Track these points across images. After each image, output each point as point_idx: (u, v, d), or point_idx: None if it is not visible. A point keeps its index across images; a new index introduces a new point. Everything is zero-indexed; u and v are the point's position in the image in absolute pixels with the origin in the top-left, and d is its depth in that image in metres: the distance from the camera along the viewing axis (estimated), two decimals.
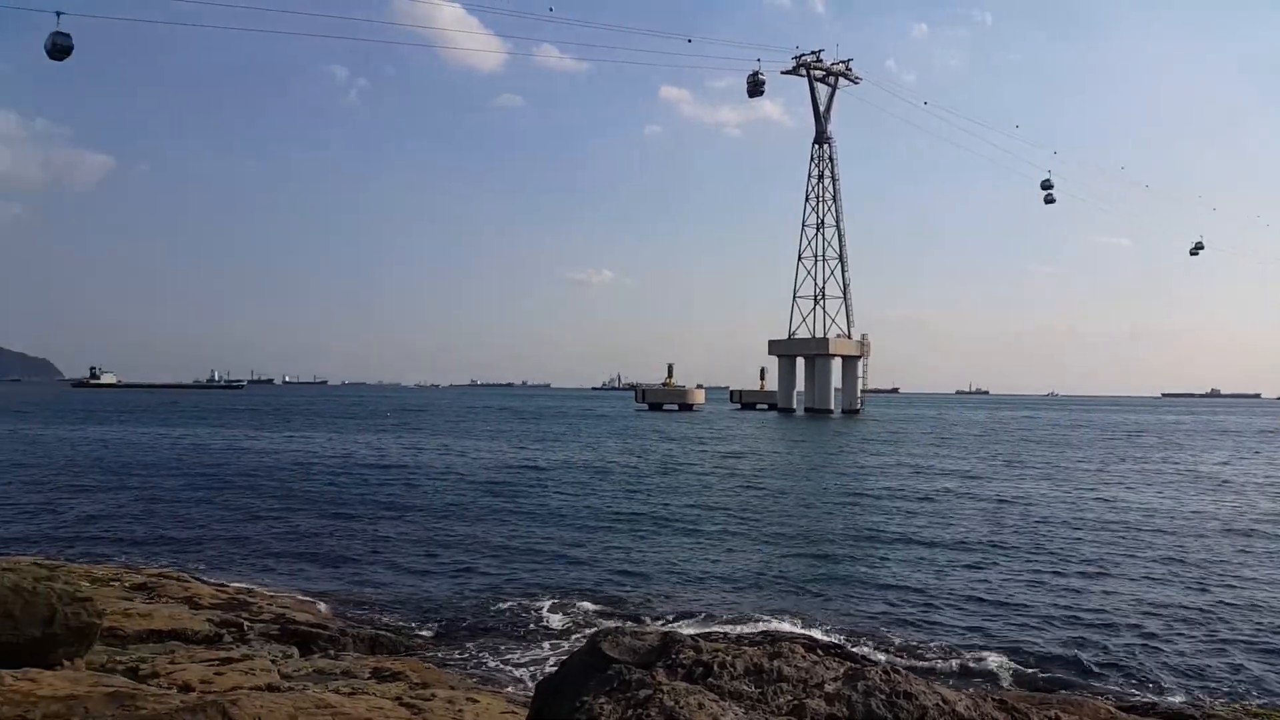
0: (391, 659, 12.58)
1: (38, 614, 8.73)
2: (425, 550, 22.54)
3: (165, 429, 74.82)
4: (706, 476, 40.07)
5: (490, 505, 30.46)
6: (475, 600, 17.65)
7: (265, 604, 14.83)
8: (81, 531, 24.67)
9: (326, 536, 24.30)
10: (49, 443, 57.61)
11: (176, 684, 9.41)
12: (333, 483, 36.63)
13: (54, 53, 29.73)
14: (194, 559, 21.04)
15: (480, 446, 58.45)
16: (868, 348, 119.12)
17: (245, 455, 49.90)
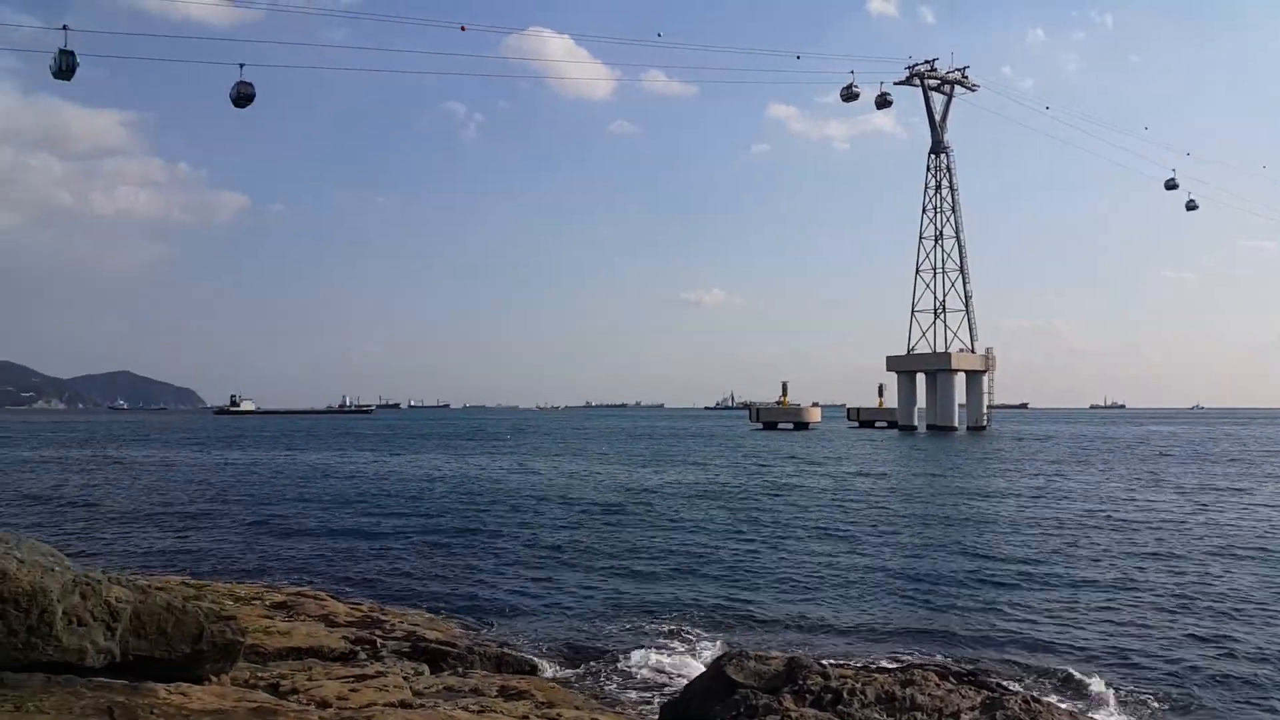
0: (517, 678, 12.74)
1: (187, 631, 9.18)
2: (544, 570, 22.82)
3: (299, 453, 78.19)
4: (823, 497, 39.34)
5: (605, 526, 30.64)
6: (595, 620, 17.74)
7: (397, 622, 15.26)
8: (223, 551, 25.93)
9: (451, 555, 24.88)
10: (193, 467, 60.95)
11: (315, 700, 9.74)
12: (455, 503, 37.52)
13: (238, 101, 31.05)
14: (328, 578, 21.81)
15: (594, 467, 58.97)
16: (993, 362, 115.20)
17: (373, 477, 51.64)
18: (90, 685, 8.22)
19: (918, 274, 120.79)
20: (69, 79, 28.35)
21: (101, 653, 8.56)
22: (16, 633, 8.07)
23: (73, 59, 28.10)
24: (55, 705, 7.46)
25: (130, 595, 8.87)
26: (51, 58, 28.25)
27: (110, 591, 8.71)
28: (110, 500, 39.37)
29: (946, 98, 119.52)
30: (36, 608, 8.15)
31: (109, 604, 8.64)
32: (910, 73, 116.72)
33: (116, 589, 8.82)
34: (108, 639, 8.61)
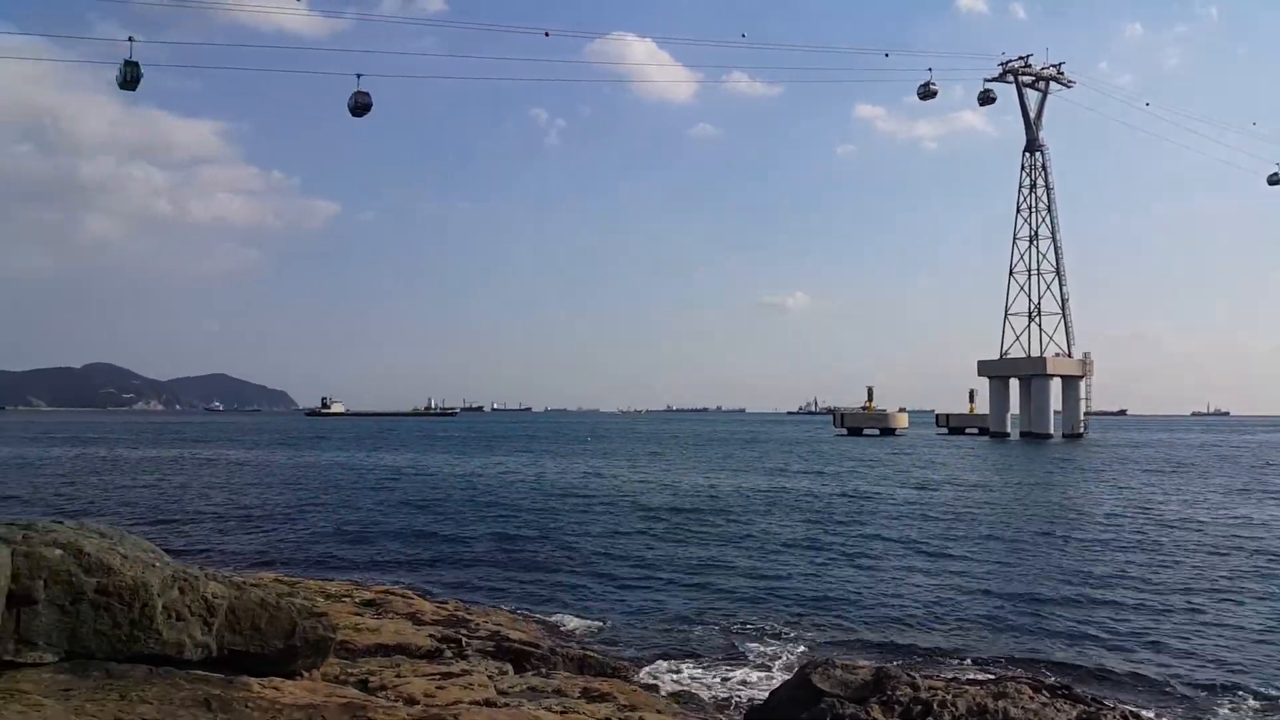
0: (600, 680, 12.72)
1: (281, 627, 9.38)
2: (623, 573, 22.82)
3: (386, 454, 79.94)
4: (909, 507, 38.53)
5: (683, 530, 30.51)
6: (676, 625, 17.66)
7: (481, 621, 15.41)
8: (314, 549, 26.61)
9: (530, 557, 25.08)
10: (285, 467, 62.81)
11: (403, 697, 9.87)
12: (533, 504, 37.87)
13: (356, 110, 31.91)
14: (413, 576, 22.20)
15: (672, 472, 58.88)
16: (1090, 367, 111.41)
17: (456, 478, 52.47)
18: (188, 678, 8.46)
19: (1011, 275, 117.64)
20: (134, 89, 29.14)
21: (199, 646, 8.81)
22: (120, 625, 8.35)
23: (137, 70, 28.84)
24: (157, 696, 7.69)
25: (226, 591, 9.10)
26: (118, 69, 28.96)
27: (207, 587, 8.95)
28: (207, 498, 40.81)
29: (1041, 94, 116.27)
30: (138, 602, 8.43)
31: (206, 599, 8.88)
32: (1004, 69, 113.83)
33: (213, 585, 9.07)
34: (205, 633, 8.85)
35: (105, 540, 8.72)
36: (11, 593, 7.91)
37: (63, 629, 8.18)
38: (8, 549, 8.03)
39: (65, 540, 8.38)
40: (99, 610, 8.26)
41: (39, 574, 8.04)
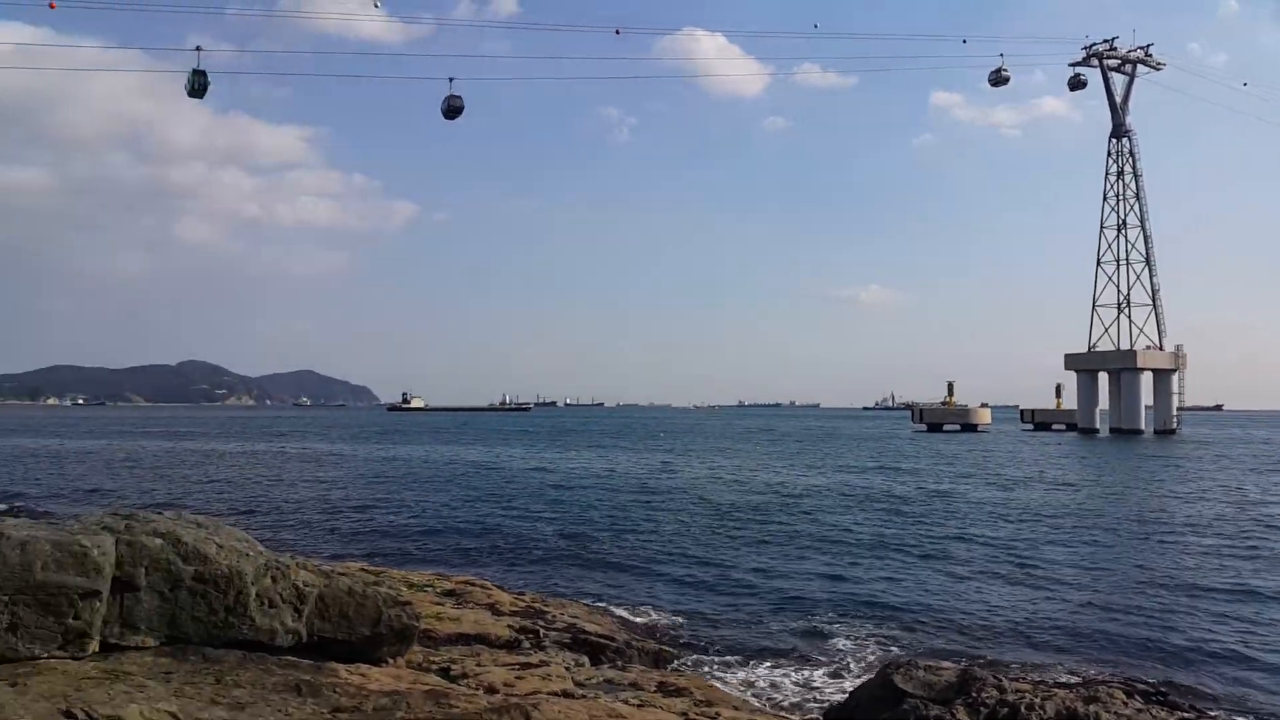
0: (675, 674, 12.79)
1: (367, 615, 9.66)
2: (697, 569, 22.83)
3: (463, 448, 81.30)
4: (991, 505, 37.70)
5: (756, 527, 30.36)
6: (751, 620, 17.61)
7: (558, 613, 15.60)
8: (396, 539, 27.25)
9: (605, 550, 25.27)
10: (368, 460, 64.35)
11: (483, 685, 10.06)
12: (605, 499, 38.12)
13: (449, 113, 32.50)
14: (491, 567, 22.58)
15: (744, 467, 58.59)
16: (1183, 360, 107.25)
17: (529, 472, 53.12)
18: (279, 663, 8.77)
19: (1099, 266, 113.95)
20: (202, 96, 29.73)
21: (290, 633, 9.12)
22: (216, 611, 8.70)
23: (205, 78, 29.44)
24: (250, 680, 7.99)
25: (316, 579, 9.40)
26: (186, 78, 29.53)
27: (298, 575, 9.26)
28: (295, 490, 42.09)
29: (1128, 78, 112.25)
30: (233, 589, 8.77)
31: (297, 587, 9.19)
32: (1088, 53, 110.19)
33: (304, 573, 9.38)
34: (295, 620, 9.16)
35: (202, 530, 9.09)
36: (115, 579, 8.30)
37: (163, 614, 8.56)
38: (111, 538, 8.43)
39: (165, 530, 8.76)
40: (196, 597, 8.62)
41: (141, 561, 8.43)
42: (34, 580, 7.80)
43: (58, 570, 7.88)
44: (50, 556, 7.90)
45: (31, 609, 7.82)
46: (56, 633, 7.92)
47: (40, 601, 7.83)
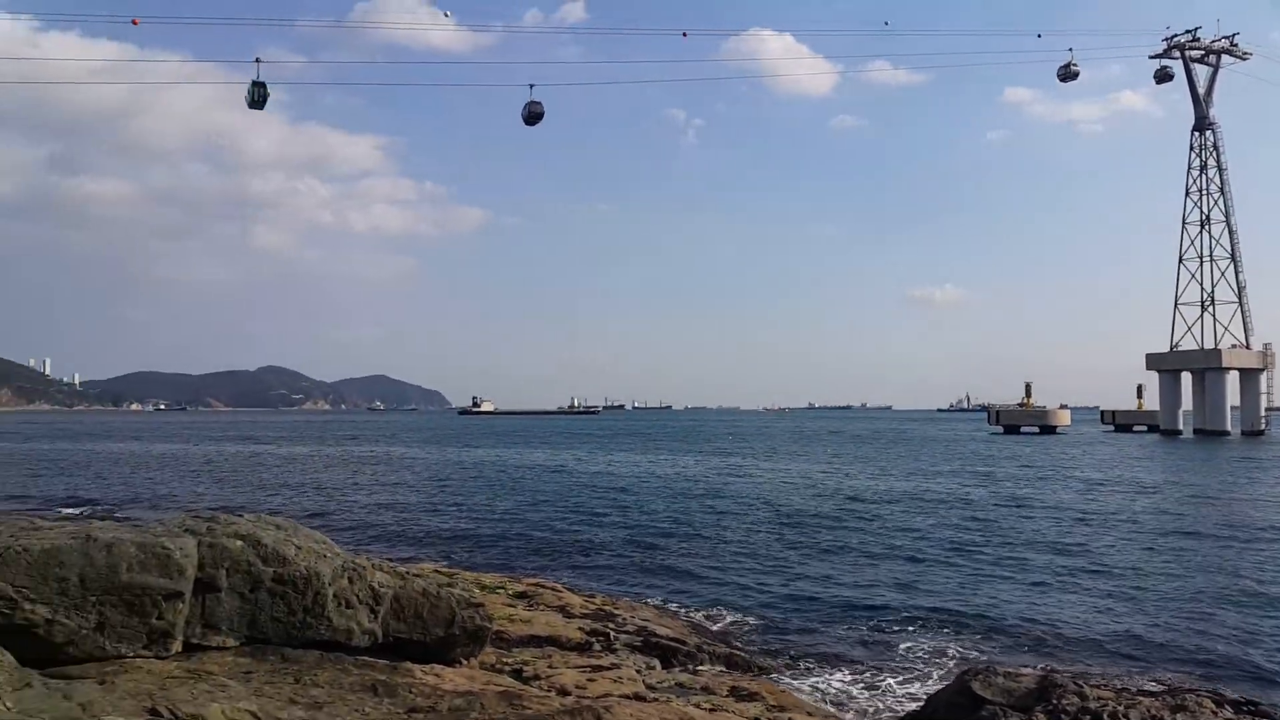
0: (748, 678, 12.67)
1: (441, 616, 9.75)
2: (767, 572, 22.61)
3: (532, 451, 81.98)
4: (1071, 509, 36.65)
5: (827, 531, 29.96)
6: (822, 626, 17.35)
7: (628, 615, 15.58)
8: (467, 541, 27.55)
9: (674, 553, 25.18)
10: (439, 463, 65.28)
11: (555, 687, 10.08)
12: (675, 502, 38.00)
13: (529, 119, 32.77)
14: (560, 569, 22.66)
15: (814, 471, 57.95)
16: (1271, 359, 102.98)
17: (597, 475, 53.28)
18: (356, 663, 8.89)
19: (1181, 263, 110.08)
20: (262, 108, 30.05)
21: (366, 633, 9.25)
22: (295, 612, 8.86)
23: (264, 90, 29.74)
24: (328, 679, 8.12)
25: (391, 581, 9.52)
26: (246, 90, 29.89)
27: (374, 577, 9.39)
28: (368, 492, 42.87)
29: (1212, 69, 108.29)
30: (311, 590, 8.92)
31: (373, 588, 9.32)
32: (1169, 44, 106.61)
33: (379, 575, 9.50)
34: (371, 621, 9.29)
35: (281, 532, 9.27)
36: (198, 580, 8.51)
37: (243, 615, 8.75)
38: (194, 540, 8.64)
39: (245, 532, 8.95)
40: (275, 598, 8.79)
41: (222, 563, 8.62)
42: (120, 581, 8.03)
43: (142, 572, 8.10)
44: (135, 558, 8.12)
45: (118, 609, 8.05)
46: (141, 632, 8.14)
47: (126, 602, 8.05)
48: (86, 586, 7.92)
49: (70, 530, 8.91)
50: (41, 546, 8.02)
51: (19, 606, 7.75)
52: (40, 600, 7.81)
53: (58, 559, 7.95)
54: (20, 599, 7.78)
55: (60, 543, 8.12)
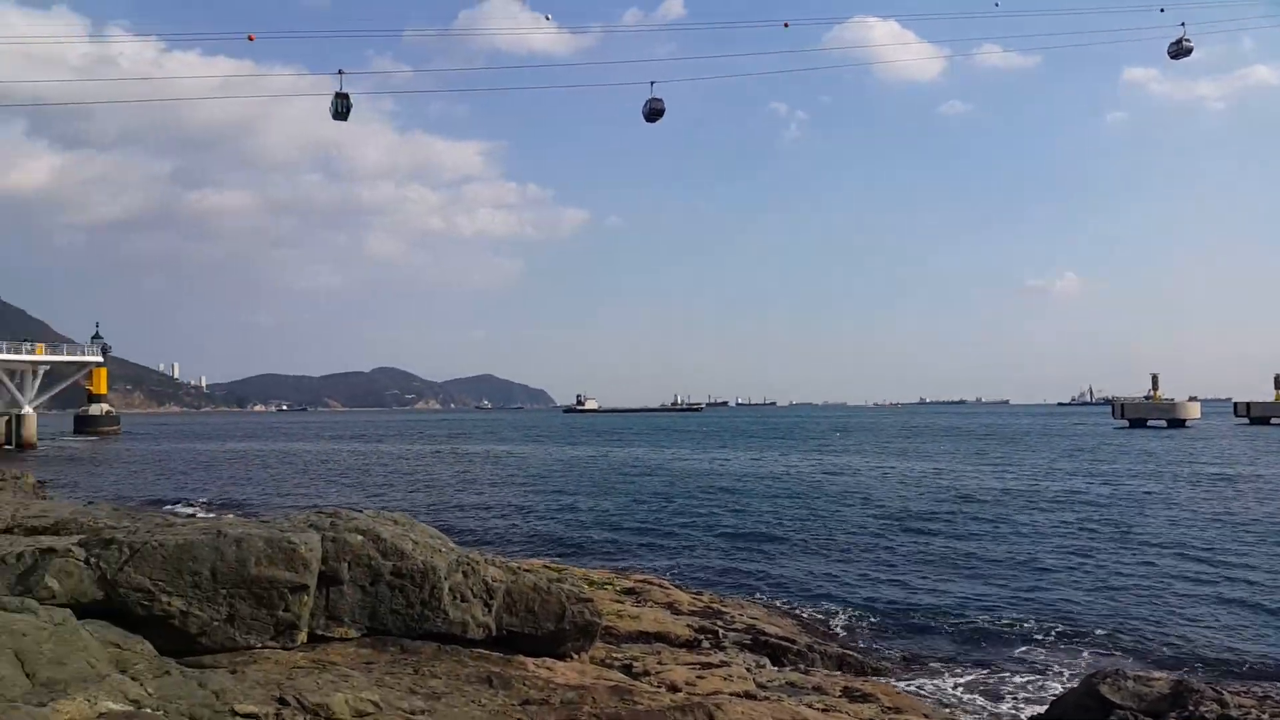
0: (861, 679, 12.44)
1: (552, 611, 9.87)
2: (878, 572, 22.17)
3: (636, 448, 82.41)
4: (1200, 507, 34.83)
5: (939, 530, 29.18)
6: (936, 628, 16.90)
7: (736, 613, 15.49)
8: (573, 537, 27.86)
9: (780, 551, 24.92)
10: (544, 461, 66.23)
11: (665, 684, 10.09)
12: (780, 499, 37.62)
13: (650, 116, 32.77)
14: (666, 566, 22.69)
15: (923, 468, 56.55)
16: None
17: (702, 472, 53.16)
18: (471, 655, 9.08)
19: None
20: (345, 119, 30.37)
21: (480, 626, 9.44)
22: (413, 605, 9.10)
23: (347, 101, 30.04)
24: (445, 671, 8.31)
25: (504, 576, 9.70)
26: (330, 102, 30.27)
27: (487, 571, 9.57)
28: (477, 488, 43.82)
29: None
30: (428, 584, 9.15)
31: (486, 583, 9.50)
32: None
33: (492, 569, 9.69)
34: (485, 614, 9.47)
35: (399, 527, 9.54)
36: (322, 574, 8.82)
37: (364, 607, 9.03)
38: (318, 535, 8.96)
39: (365, 527, 9.24)
40: (394, 591, 9.05)
41: (344, 557, 8.92)
42: (249, 575, 8.39)
43: (270, 565, 8.45)
44: (263, 552, 8.47)
45: (247, 602, 8.41)
46: (269, 624, 8.48)
47: (254, 595, 8.41)
48: (218, 580, 8.31)
49: (202, 526, 9.35)
50: (176, 542, 8.44)
51: (156, 598, 8.18)
52: (176, 593, 8.23)
53: (191, 554, 8.36)
54: (157, 591, 8.21)
55: (193, 538, 8.53)
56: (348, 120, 30.10)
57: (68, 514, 16.41)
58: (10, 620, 6.66)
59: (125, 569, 8.20)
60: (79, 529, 13.67)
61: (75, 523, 14.95)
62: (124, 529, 9.58)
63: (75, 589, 8.07)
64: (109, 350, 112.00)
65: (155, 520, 15.42)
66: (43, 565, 8.21)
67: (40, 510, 17.30)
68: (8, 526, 14.92)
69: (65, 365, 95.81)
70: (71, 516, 15.88)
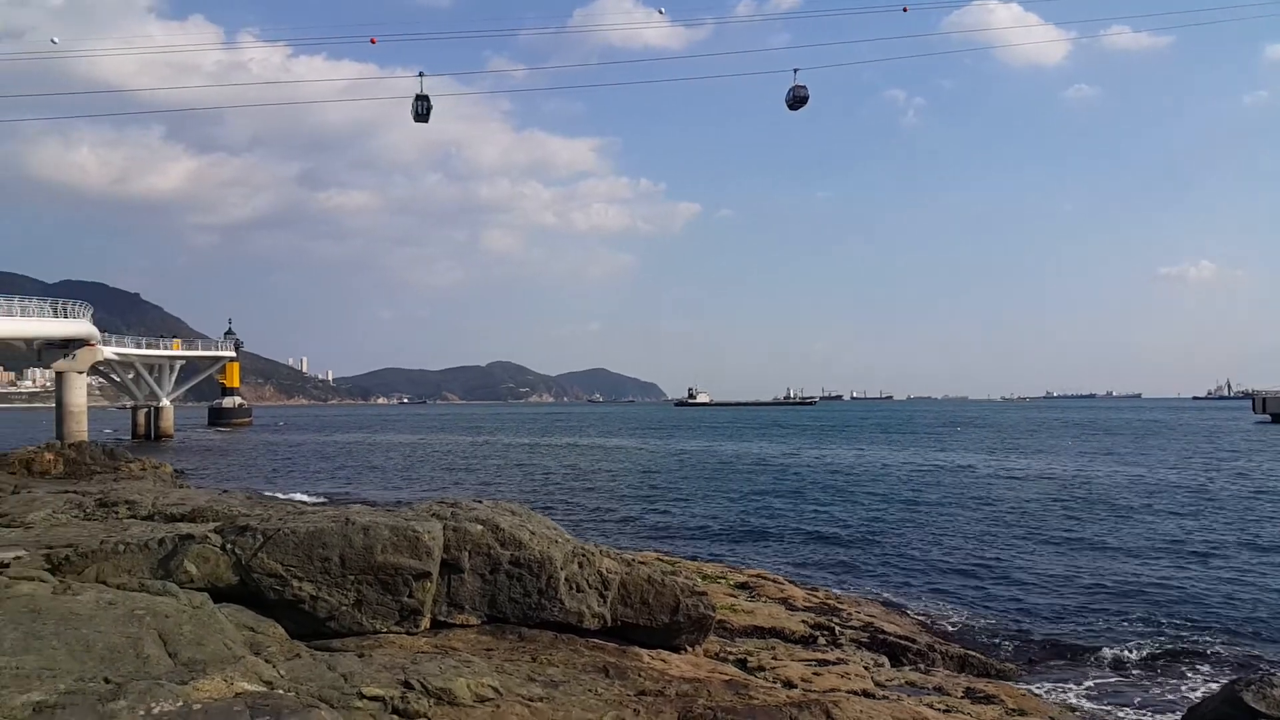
0: (984, 681, 12.06)
1: (666, 603, 9.89)
2: (1000, 571, 21.43)
3: (747, 442, 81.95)
4: None
5: (1065, 528, 27.98)
6: (1063, 630, 16.23)
7: (853, 611, 15.22)
8: (685, 530, 27.86)
9: (897, 548, 24.35)
10: (656, 453, 66.53)
11: (780, 679, 9.98)
12: (895, 495, 36.80)
13: (794, 104, 32.46)
14: (777, 560, 22.45)
15: (1049, 466, 54.41)
16: None
17: (815, 467, 52.44)
18: (587, 645, 9.18)
19: None
20: (426, 121, 30.67)
21: (595, 617, 9.53)
22: (530, 594, 9.25)
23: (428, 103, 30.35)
24: (562, 660, 8.42)
25: (618, 567, 9.76)
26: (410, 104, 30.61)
27: (602, 562, 9.66)
28: (590, 480, 44.31)
29: None
30: (545, 573, 9.28)
31: (601, 573, 9.58)
32: None
33: (607, 560, 9.76)
34: (600, 605, 9.55)
35: (516, 517, 9.71)
36: (444, 562, 9.05)
37: (484, 595, 9.23)
38: (440, 524, 9.20)
39: (484, 517, 9.44)
40: (512, 580, 9.22)
41: (465, 546, 9.14)
42: (375, 562, 8.67)
43: (394, 553, 8.71)
44: (389, 540, 8.75)
45: (373, 587, 8.69)
46: (394, 609, 8.75)
47: (380, 581, 8.69)
48: (346, 566, 8.62)
49: (330, 514, 9.71)
50: (306, 529, 8.79)
51: (288, 583, 8.54)
52: (306, 578, 8.57)
53: (321, 540, 8.69)
54: (289, 576, 8.57)
55: (323, 526, 8.87)
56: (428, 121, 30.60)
57: (204, 502, 17.34)
58: (154, 603, 7.05)
59: (259, 555, 8.59)
60: (215, 516, 14.42)
61: (211, 510, 15.77)
62: (257, 516, 10.04)
63: (212, 573, 8.50)
64: (241, 345, 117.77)
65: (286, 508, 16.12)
66: (182, 550, 8.67)
67: (179, 498, 18.32)
68: (149, 513, 15.87)
69: (200, 360, 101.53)
70: (208, 504, 16.76)
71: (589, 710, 7.15)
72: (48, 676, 5.49)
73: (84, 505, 16.29)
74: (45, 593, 6.99)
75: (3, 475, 29.54)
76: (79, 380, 66.08)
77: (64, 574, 8.46)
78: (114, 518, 15.43)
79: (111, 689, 5.35)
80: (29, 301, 61.01)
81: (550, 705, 7.08)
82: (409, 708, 6.38)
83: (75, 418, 63.50)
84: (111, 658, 5.93)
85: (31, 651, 5.78)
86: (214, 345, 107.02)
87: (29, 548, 11.19)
